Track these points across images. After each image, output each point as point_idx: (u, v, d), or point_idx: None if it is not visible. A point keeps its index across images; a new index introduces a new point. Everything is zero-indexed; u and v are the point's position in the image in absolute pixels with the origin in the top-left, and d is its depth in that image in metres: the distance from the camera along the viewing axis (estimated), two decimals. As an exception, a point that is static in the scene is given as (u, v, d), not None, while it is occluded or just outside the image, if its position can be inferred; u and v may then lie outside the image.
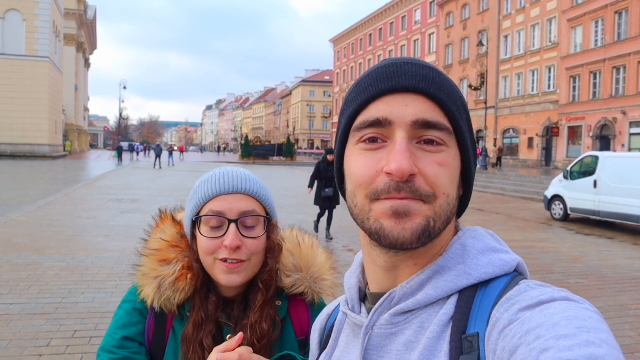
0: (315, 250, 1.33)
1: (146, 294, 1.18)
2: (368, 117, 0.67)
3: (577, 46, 33.69)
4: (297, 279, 1.27)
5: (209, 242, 1.14)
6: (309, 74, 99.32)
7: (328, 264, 1.33)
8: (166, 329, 1.20)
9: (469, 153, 0.71)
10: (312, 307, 1.30)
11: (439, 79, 0.68)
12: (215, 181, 1.18)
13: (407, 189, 0.63)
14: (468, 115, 0.72)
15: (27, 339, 4.66)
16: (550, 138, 35.88)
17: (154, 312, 1.19)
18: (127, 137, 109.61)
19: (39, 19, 43.08)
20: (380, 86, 0.68)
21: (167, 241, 1.21)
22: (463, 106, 0.71)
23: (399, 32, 57.73)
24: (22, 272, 6.91)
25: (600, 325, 0.53)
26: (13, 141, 41.48)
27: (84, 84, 74.71)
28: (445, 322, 0.64)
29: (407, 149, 0.63)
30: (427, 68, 0.69)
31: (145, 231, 1.28)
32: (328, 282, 1.31)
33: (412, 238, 0.64)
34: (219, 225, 1.15)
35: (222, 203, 1.15)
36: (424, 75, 0.67)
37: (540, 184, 21.60)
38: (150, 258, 1.21)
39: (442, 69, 28.76)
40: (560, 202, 14.44)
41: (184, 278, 1.17)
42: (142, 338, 1.18)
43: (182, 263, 1.19)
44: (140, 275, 1.21)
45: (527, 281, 0.64)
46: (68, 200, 15.31)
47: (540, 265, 8.53)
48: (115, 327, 1.19)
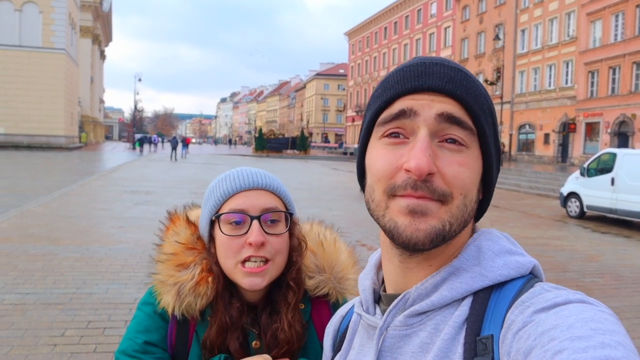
0: (338, 248, 1.28)
1: (166, 302, 1.12)
2: (393, 110, 0.68)
3: (596, 40, 33.13)
4: (320, 280, 1.22)
5: (231, 242, 1.09)
6: (324, 67, 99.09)
7: (351, 261, 1.28)
8: (189, 335, 1.15)
9: (491, 157, 0.70)
10: (335, 309, 1.24)
11: (466, 82, 0.68)
12: (233, 178, 1.14)
13: (425, 188, 0.64)
14: (494, 120, 0.72)
15: (42, 329, 4.72)
16: (566, 134, 35.42)
17: (176, 317, 1.14)
18: (141, 129, 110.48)
19: (55, 11, 43.50)
20: (406, 84, 0.68)
21: (182, 244, 1.16)
22: (489, 110, 0.70)
23: (415, 26, 57.27)
24: (37, 262, 7.00)
25: (616, 327, 0.53)
26: (30, 132, 42.07)
27: (100, 75, 75.38)
28: (459, 324, 0.65)
29: (427, 147, 0.64)
30: (456, 70, 0.68)
31: (157, 235, 1.22)
32: (352, 280, 1.26)
33: (425, 240, 0.64)
34: (240, 223, 1.10)
35: (243, 200, 1.11)
36: (451, 77, 0.67)
37: (556, 181, 21.35)
38: (166, 264, 1.15)
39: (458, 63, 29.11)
40: (576, 199, 14.25)
41: (204, 282, 1.12)
42: (165, 344, 1.13)
43: (200, 266, 1.14)
44: (158, 282, 1.15)
45: (542, 283, 0.65)
46: (83, 192, 15.48)
47: (555, 263, 8.43)
48: (136, 330, 1.14)
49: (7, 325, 4.78)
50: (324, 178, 24.99)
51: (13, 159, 29.33)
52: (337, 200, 16.22)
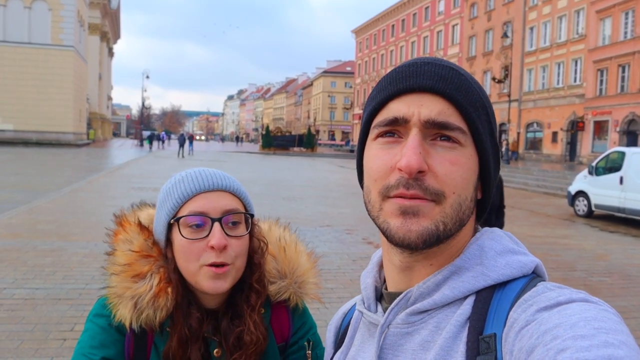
0: (299, 251, 1.24)
1: (122, 315, 1.05)
2: (386, 116, 0.69)
3: (606, 38, 32.85)
4: (282, 286, 1.19)
5: (192, 245, 1.04)
6: (331, 64, 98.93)
7: (311, 265, 1.25)
8: (147, 347, 1.09)
9: (486, 154, 0.70)
10: (294, 312, 1.23)
11: (457, 80, 0.68)
12: (192, 179, 1.09)
13: (417, 186, 0.64)
14: (489, 116, 0.71)
15: (52, 323, 4.78)
16: (575, 132, 35.18)
17: (133, 329, 1.07)
18: (149, 126, 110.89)
19: (64, 8, 43.74)
20: (398, 85, 0.69)
21: (136, 252, 1.09)
22: (483, 107, 0.70)
23: (422, 23, 57.04)
24: (47, 257, 7.07)
25: (619, 326, 0.53)
26: (39, 129, 42.36)
27: (108, 73, 75.72)
28: (462, 323, 0.65)
29: (417, 146, 0.64)
30: (447, 68, 0.69)
31: (106, 242, 1.15)
32: (311, 284, 1.23)
33: (417, 241, 0.65)
34: (201, 226, 1.05)
35: (204, 202, 1.06)
36: (441, 76, 0.67)
37: (564, 179, 21.24)
38: (121, 276, 1.07)
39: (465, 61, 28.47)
40: (584, 198, 14.17)
41: (163, 293, 1.06)
42: (122, 358, 1.07)
43: (158, 275, 1.07)
44: (115, 297, 1.07)
45: (545, 283, 0.65)
46: (91, 188, 15.58)
47: (562, 262, 8.40)
48: (90, 345, 1.06)
49: (18, 319, 4.84)
50: (331, 176, 24.99)
51: (22, 156, 29.55)
52: (344, 198, 16.23)
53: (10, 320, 4.83)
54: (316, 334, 1.25)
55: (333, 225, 10.80)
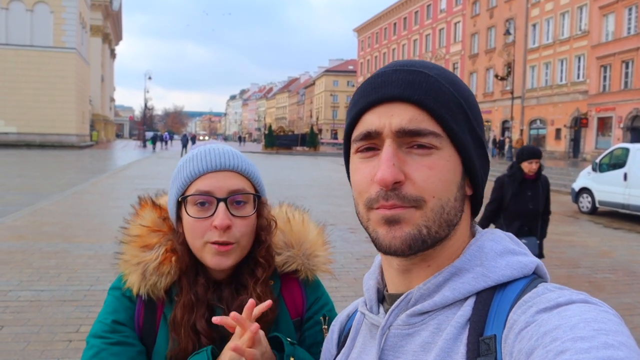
0: (307, 226, 1.27)
1: (131, 283, 1.13)
2: (361, 130, 0.70)
3: (609, 34, 32.74)
4: (288, 256, 1.22)
5: (197, 223, 1.08)
6: (333, 63, 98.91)
7: (321, 239, 1.28)
8: (156, 316, 1.15)
9: (467, 152, 0.70)
10: (306, 286, 1.25)
11: (426, 83, 0.68)
12: (201, 159, 1.12)
13: (395, 197, 0.65)
14: (467, 113, 0.70)
15: (57, 325, 4.80)
16: (578, 129, 35.07)
17: (142, 299, 1.14)
18: (152, 127, 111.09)
19: (66, 10, 43.85)
20: (369, 98, 0.70)
21: (147, 227, 1.17)
22: (457, 105, 0.69)
23: (424, 21, 56.95)
24: (51, 259, 7.10)
25: (619, 327, 0.53)
26: (42, 131, 42.49)
27: (110, 74, 75.91)
28: (462, 324, 0.65)
29: (391, 158, 0.65)
30: (416, 73, 0.69)
31: (125, 219, 1.23)
32: (321, 257, 1.26)
33: (403, 246, 0.66)
34: (206, 205, 1.09)
35: (210, 181, 1.09)
36: (409, 82, 0.68)
37: (568, 176, 21.17)
38: (130, 245, 1.16)
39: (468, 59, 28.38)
40: (588, 194, 14.12)
41: (167, 261, 1.12)
42: (132, 324, 1.13)
43: (165, 247, 1.14)
44: (123, 263, 1.15)
45: (546, 284, 0.65)
46: (95, 190, 15.63)
47: (566, 259, 8.38)
48: (105, 312, 1.14)
49: (24, 321, 4.86)
50: (334, 175, 24.97)
51: (26, 158, 29.65)
52: (347, 197, 16.20)
53: (16, 322, 4.85)
54: (333, 310, 1.26)
55: (337, 224, 10.79)
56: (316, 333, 1.20)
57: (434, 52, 54.47)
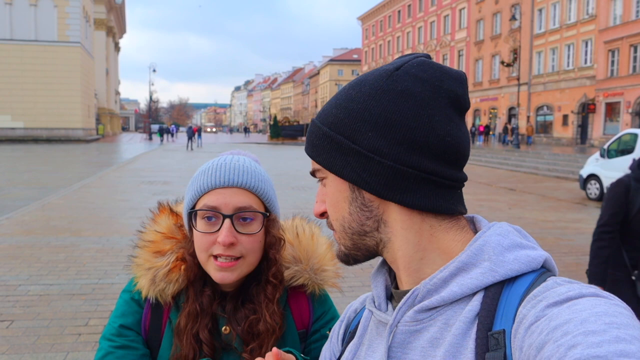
0: (316, 241, 1.29)
1: (141, 285, 1.18)
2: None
3: (617, 18, 32.29)
4: (295, 270, 1.24)
5: (203, 237, 1.11)
6: (337, 52, 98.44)
7: (329, 254, 1.29)
8: (162, 320, 1.19)
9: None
10: (313, 299, 1.27)
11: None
12: (211, 173, 1.14)
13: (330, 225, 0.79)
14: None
15: (67, 319, 4.84)
16: (586, 115, 34.77)
17: (150, 303, 1.19)
18: (157, 119, 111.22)
19: (69, 4, 43.81)
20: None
21: (161, 233, 1.21)
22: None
23: (429, 8, 56.41)
24: (60, 253, 7.14)
25: (631, 321, 0.52)
26: (48, 125, 42.68)
27: (115, 67, 75.92)
28: (470, 319, 0.65)
29: (318, 194, 0.79)
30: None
31: (143, 223, 1.27)
32: (330, 272, 1.27)
33: (342, 261, 0.79)
34: (213, 220, 1.12)
35: (217, 197, 1.11)
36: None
37: (575, 163, 21.03)
38: (144, 250, 1.20)
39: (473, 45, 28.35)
40: (596, 181, 14.03)
41: (177, 269, 1.17)
42: (139, 328, 1.18)
43: (176, 254, 1.18)
44: (135, 266, 1.21)
45: (555, 277, 0.64)
46: (102, 183, 15.70)
47: (574, 246, 8.34)
48: (114, 315, 1.20)
49: (33, 315, 4.90)
50: (340, 165, 24.91)
51: (33, 153, 29.82)
52: (353, 187, 16.20)
53: (26, 316, 4.89)
54: None
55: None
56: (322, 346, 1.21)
57: (439, 39, 54.03)
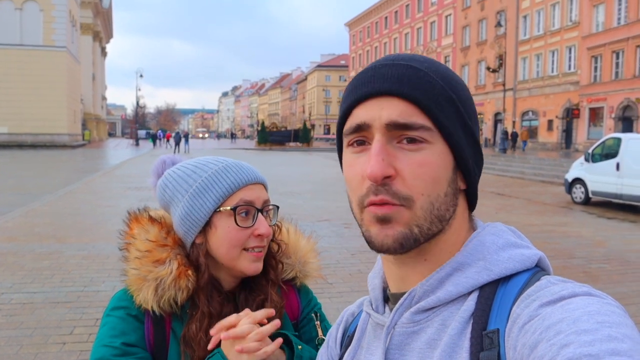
0: (298, 235, 1.35)
1: (144, 298, 1.11)
2: (351, 124, 0.70)
3: (599, 25, 32.83)
4: (287, 264, 1.29)
5: (240, 233, 1.14)
6: (325, 58, 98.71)
7: (310, 246, 1.35)
8: (166, 332, 1.15)
9: (459, 147, 0.68)
10: (299, 291, 1.33)
11: (416, 78, 0.67)
12: (237, 170, 1.18)
13: (384, 192, 0.65)
14: (458, 107, 0.69)
15: (51, 327, 4.75)
16: (570, 120, 35.21)
17: (150, 316, 1.13)
18: (144, 125, 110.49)
19: (55, 8, 43.45)
20: (359, 92, 0.70)
21: (153, 241, 1.16)
22: (448, 100, 0.68)
23: (415, 15, 56.88)
24: (44, 261, 7.04)
25: (623, 319, 0.53)
26: (33, 131, 42.17)
27: (101, 72, 75.37)
28: (466, 319, 0.65)
29: (380, 152, 0.65)
30: (406, 67, 0.68)
31: (120, 236, 1.21)
32: (313, 264, 1.33)
33: (395, 245, 0.66)
34: (246, 215, 1.16)
35: (251, 192, 1.17)
36: (398, 77, 0.67)
37: (561, 167, 21.26)
38: (142, 260, 1.14)
39: (459, 51, 28.48)
40: (581, 185, 14.19)
41: (184, 275, 1.13)
42: (144, 344, 1.12)
43: (176, 261, 1.14)
44: (136, 279, 1.13)
45: (549, 276, 0.65)
46: (88, 189, 15.53)
47: (561, 250, 8.41)
48: (110, 335, 1.10)
49: (16, 324, 4.82)
50: (328, 170, 24.95)
51: (17, 158, 29.42)
52: (341, 192, 16.17)
53: (8, 325, 4.80)
54: (321, 309, 1.35)
55: (331, 219, 10.79)
56: (310, 329, 1.28)
57: (426, 45, 54.43)
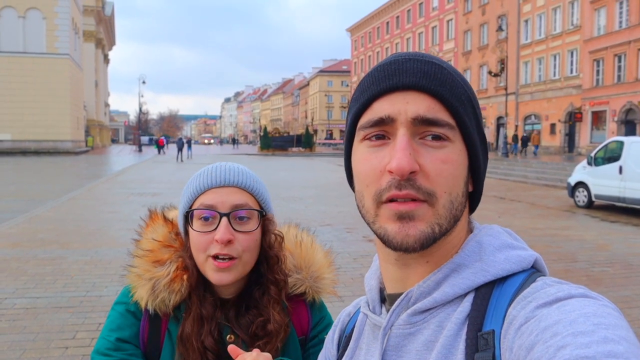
0: (315, 249, 1.31)
1: (140, 296, 1.15)
2: (372, 116, 0.68)
3: (601, 28, 32.84)
4: (297, 279, 1.25)
5: (200, 237, 1.11)
6: (327, 64, 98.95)
7: (327, 262, 1.31)
8: (161, 331, 1.17)
9: (475, 148, 0.69)
10: (311, 307, 1.29)
11: (441, 75, 0.67)
12: (207, 175, 1.16)
13: (409, 187, 0.63)
14: (475, 109, 0.70)
15: (54, 332, 4.76)
16: (573, 124, 35.17)
17: (148, 314, 1.16)
18: (147, 131, 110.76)
19: (58, 16, 43.72)
20: (382, 84, 0.67)
21: (159, 241, 1.19)
22: (468, 100, 0.69)
23: (417, 19, 57.01)
24: (47, 266, 7.05)
25: (619, 321, 0.53)
26: (37, 138, 42.36)
27: (104, 79, 75.70)
28: (462, 320, 0.65)
29: (407, 146, 0.63)
30: (430, 64, 0.67)
31: (136, 231, 1.24)
32: (328, 280, 1.29)
33: (415, 245, 0.65)
34: (209, 219, 1.12)
35: (214, 196, 1.13)
36: (424, 72, 0.66)
37: (563, 171, 21.22)
38: (143, 259, 1.17)
39: (461, 56, 28.49)
40: (584, 188, 14.15)
41: (179, 279, 1.14)
42: (137, 340, 1.15)
43: (176, 264, 1.16)
44: (134, 276, 1.17)
45: (545, 278, 0.64)
46: (91, 195, 15.57)
47: (563, 253, 8.39)
48: (109, 329, 1.16)
49: (19, 329, 4.83)
50: (330, 175, 24.96)
51: (21, 165, 29.54)
52: (344, 197, 16.18)
53: (12, 330, 4.81)
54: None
55: (333, 224, 10.79)
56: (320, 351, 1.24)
57: (427, 50, 54.50)
